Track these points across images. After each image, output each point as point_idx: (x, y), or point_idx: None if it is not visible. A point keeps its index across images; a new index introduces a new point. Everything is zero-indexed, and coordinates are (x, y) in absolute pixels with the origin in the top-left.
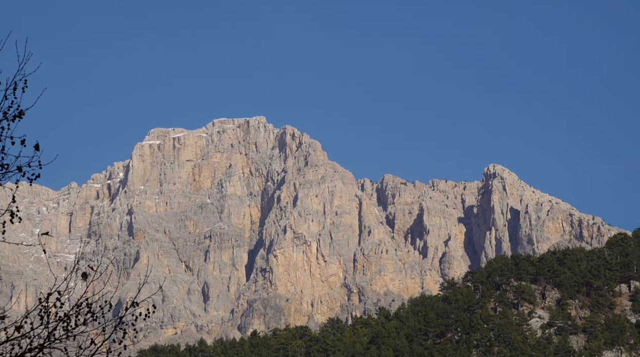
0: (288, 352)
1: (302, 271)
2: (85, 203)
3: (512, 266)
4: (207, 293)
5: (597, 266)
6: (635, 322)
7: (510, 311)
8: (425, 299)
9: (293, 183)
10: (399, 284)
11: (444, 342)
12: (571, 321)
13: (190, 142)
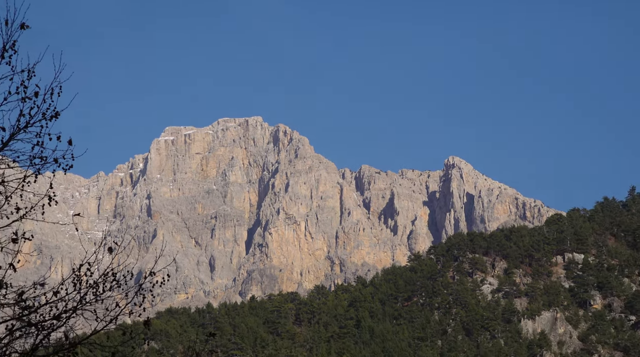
0: (281, 313)
1: (293, 245)
2: (111, 189)
3: (468, 241)
4: (213, 264)
5: (537, 241)
6: (568, 287)
7: (465, 279)
8: (395, 269)
9: (285, 172)
10: (374, 257)
11: (411, 305)
12: (516, 287)
13: (198, 138)
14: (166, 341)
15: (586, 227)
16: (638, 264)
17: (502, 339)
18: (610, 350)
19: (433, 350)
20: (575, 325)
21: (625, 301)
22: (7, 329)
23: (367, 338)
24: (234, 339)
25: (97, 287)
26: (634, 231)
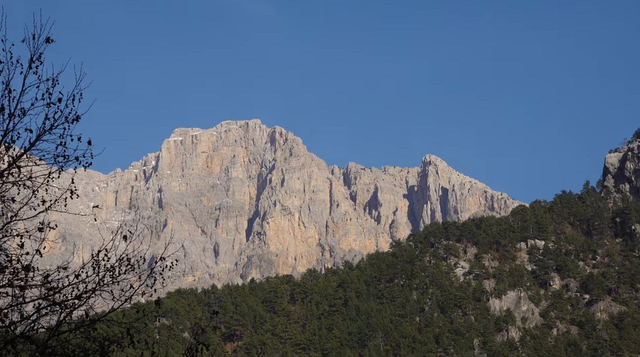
0: (277, 294)
1: (288, 234)
2: (127, 184)
3: (443, 230)
4: (217, 250)
5: (504, 229)
6: (531, 270)
7: (440, 263)
8: (378, 254)
9: (281, 169)
10: (360, 244)
11: (392, 286)
12: (485, 270)
13: (204, 138)
14: (175, 317)
15: (546, 217)
16: (591, 249)
17: (472, 316)
18: (567, 325)
19: (412, 326)
20: (536, 303)
21: (580, 281)
22: (34, 307)
23: (354, 315)
24: (236, 317)
25: (114, 270)
26: (587, 220)
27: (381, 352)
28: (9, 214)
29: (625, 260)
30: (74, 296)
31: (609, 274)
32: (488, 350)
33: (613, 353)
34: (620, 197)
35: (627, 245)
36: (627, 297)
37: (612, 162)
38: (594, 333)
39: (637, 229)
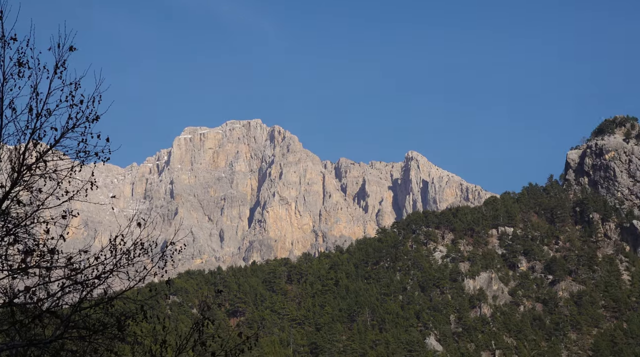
0: (275, 274)
1: (285, 221)
2: (142, 176)
3: (423, 218)
4: (222, 236)
5: (477, 218)
6: (501, 253)
7: (421, 247)
8: (366, 240)
9: (279, 163)
10: (349, 230)
11: (378, 268)
12: (460, 253)
13: (211, 136)
14: (185, 296)
15: (515, 206)
16: (554, 235)
17: (449, 294)
18: (533, 302)
19: (395, 303)
20: (506, 283)
21: (544, 264)
22: (59, 286)
23: (344, 294)
24: (239, 295)
25: (130, 253)
26: (551, 209)
27: (368, 327)
28: (37, 203)
29: (584, 245)
30: (94, 276)
31: (570, 257)
32: (463, 324)
33: (573, 327)
34: (579, 189)
35: (585, 231)
36: (585, 278)
37: (573, 158)
38: (556, 309)
39: (595, 217)
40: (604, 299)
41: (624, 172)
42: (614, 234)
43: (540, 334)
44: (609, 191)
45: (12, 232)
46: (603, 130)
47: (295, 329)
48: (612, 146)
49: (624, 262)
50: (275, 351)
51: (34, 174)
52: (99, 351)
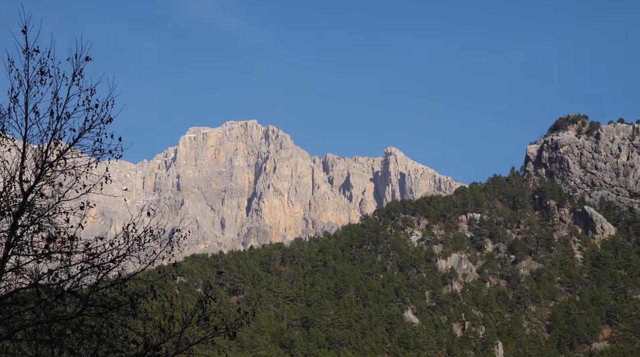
0: (271, 257)
1: (279, 210)
2: (152, 171)
3: (401, 206)
4: (223, 223)
5: (449, 205)
6: (469, 236)
7: (399, 232)
8: (351, 226)
9: (273, 159)
10: (336, 217)
11: (361, 251)
12: (434, 237)
13: (213, 135)
14: (190, 276)
15: (481, 195)
16: (516, 220)
17: (424, 273)
18: (497, 279)
19: (377, 281)
20: (474, 262)
21: (508, 245)
22: (78, 269)
23: (331, 274)
24: (238, 275)
25: (140, 240)
26: (513, 197)
27: (353, 303)
28: (58, 196)
29: (542, 228)
30: (109, 260)
31: (530, 239)
32: (437, 299)
33: (532, 300)
34: (538, 179)
35: (543, 216)
36: (543, 257)
37: (532, 152)
38: (518, 285)
39: (551, 204)
40: (560, 275)
41: (576, 164)
42: (568, 218)
43: (504, 307)
44: (564, 181)
45: (37, 222)
46: (558, 127)
47: (288, 305)
48: (565, 141)
49: (577, 243)
50: (271, 324)
51: (55, 170)
52: (114, 326)
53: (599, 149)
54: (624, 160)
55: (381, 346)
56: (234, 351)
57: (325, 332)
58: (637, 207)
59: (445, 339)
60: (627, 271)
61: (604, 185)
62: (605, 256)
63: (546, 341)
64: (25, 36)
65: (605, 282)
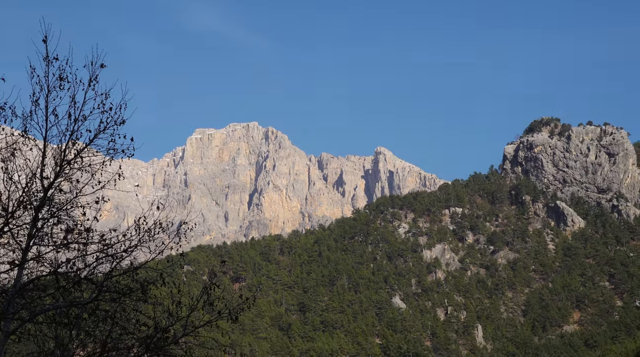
0: (270, 248)
1: (278, 205)
2: (161, 169)
3: (389, 201)
4: (227, 217)
5: (433, 200)
6: (452, 229)
7: (388, 225)
8: (344, 219)
9: (272, 158)
10: (330, 211)
11: (353, 242)
12: (419, 229)
13: (217, 136)
14: (196, 265)
15: (463, 191)
16: (495, 213)
17: (411, 262)
18: (477, 267)
19: (367, 270)
20: (456, 252)
21: (487, 237)
22: (94, 258)
23: (326, 263)
24: (240, 264)
25: (151, 231)
26: (492, 193)
27: (345, 289)
28: (75, 191)
29: (518, 221)
30: (122, 250)
31: (507, 232)
32: (422, 286)
33: (509, 287)
34: (514, 177)
35: (519, 210)
36: (519, 248)
37: (509, 151)
38: (496, 273)
39: (526, 199)
40: (534, 264)
41: (549, 162)
42: (541, 212)
43: (483, 293)
44: (538, 178)
45: (56, 215)
46: (532, 129)
47: (286, 292)
48: (539, 142)
49: (549, 235)
50: (271, 309)
51: (72, 167)
52: (127, 310)
53: (569, 149)
54: (592, 159)
55: (371, 329)
56: (237, 334)
57: (320, 317)
58: (605, 202)
59: (430, 323)
60: (595, 260)
61: (574, 182)
62: (575, 246)
63: (521, 324)
64: (45, 45)
65: (575, 270)
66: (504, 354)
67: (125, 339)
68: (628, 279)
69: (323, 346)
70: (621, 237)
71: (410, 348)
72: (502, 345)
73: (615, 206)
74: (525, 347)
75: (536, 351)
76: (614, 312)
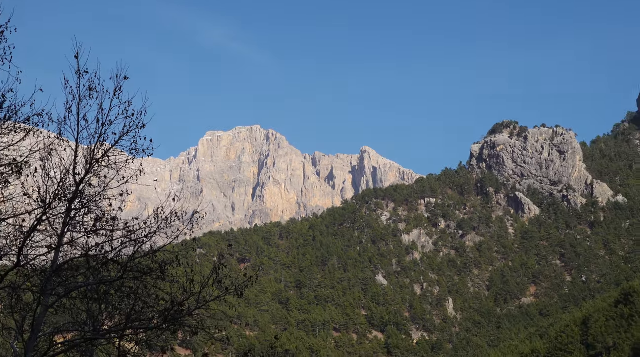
0: (271, 233)
1: (277, 196)
2: (177, 166)
3: (373, 193)
4: (234, 207)
5: (410, 192)
6: (427, 216)
7: (372, 213)
8: (334, 209)
9: (273, 156)
10: (322, 202)
11: (343, 228)
12: (399, 217)
13: (225, 137)
14: (208, 249)
15: (436, 184)
16: (463, 203)
17: (392, 245)
18: (448, 249)
19: (354, 252)
20: (430, 237)
21: (457, 223)
22: (119, 242)
23: (319, 246)
24: (245, 247)
25: (168, 220)
26: (461, 185)
27: (335, 269)
28: (103, 186)
29: (483, 209)
30: (143, 235)
31: (474, 218)
32: (402, 266)
33: (475, 266)
34: (480, 172)
35: (484, 200)
36: (484, 232)
37: (475, 150)
38: (465, 254)
39: (490, 190)
40: (497, 246)
41: (509, 159)
42: (503, 201)
43: (453, 271)
44: (500, 173)
45: (87, 206)
46: (495, 130)
47: (285, 271)
48: (501, 141)
49: (510, 221)
50: (271, 286)
51: (100, 165)
52: (148, 287)
53: (526, 148)
54: (545, 156)
55: (358, 302)
56: (242, 307)
57: (314, 292)
58: (556, 192)
59: (408, 297)
60: (548, 242)
61: (531, 176)
62: (531, 230)
63: (486, 297)
64: (77, 61)
65: (531, 251)
66: (471, 322)
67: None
68: (576, 258)
69: (317, 317)
70: (570, 223)
71: (391, 318)
72: (470, 315)
73: (565, 196)
74: (489, 316)
75: (498, 320)
76: (564, 286)
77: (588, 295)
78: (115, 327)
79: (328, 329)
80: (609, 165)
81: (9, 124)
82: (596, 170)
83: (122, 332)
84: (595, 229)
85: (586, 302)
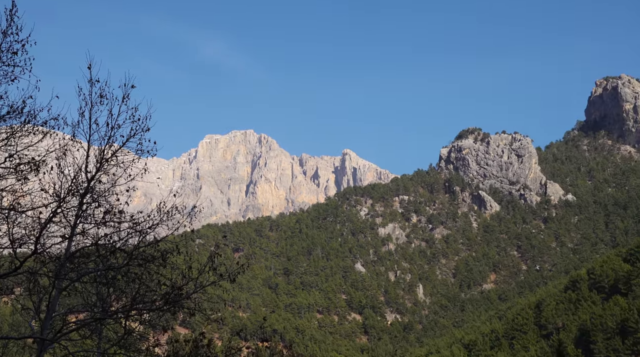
0: (262, 226)
1: (268, 193)
2: (179, 165)
3: (353, 190)
4: (229, 202)
5: (386, 190)
6: (401, 212)
7: (352, 208)
8: (319, 204)
9: (264, 157)
10: (308, 198)
11: (326, 222)
12: (376, 212)
13: (222, 140)
14: (206, 239)
15: (409, 183)
16: (433, 200)
17: (369, 237)
18: (420, 241)
19: (336, 243)
20: (404, 230)
21: (427, 218)
22: (125, 233)
23: (305, 237)
24: (239, 238)
25: (169, 213)
26: (431, 185)
27: (319, 258)
28: (111, 182)
29: (450, 206)
30: (147, 227)
31: (442, 214)
32: (378, 256)
33: (443, 256)
34: (448, 172)
35: (451, 198)
36: (451, 226)
37: (444, 153)
38: (434, 245)
39: (457, 189)
40: (462, 238)
41: (473, 162)
42: (467, 199)
43: (424, 260)
44: (465, 173)
45: (97, 200)
46: (461, 135)
47: (274, 259)
48: (466, 146)
49: (473, 216)
50: (262, 272)
51: (109, 164)
52: (151, 273)
53: (489, 152)
54: (505, 159)
55: (339, 287)
56: (236, 291)
57: (300, 278)
58: (514, 191)
59: (383, 283)
60: (507, 235)
61: (492, 176)
62: (492, 225)
63: (452, 283)
64: (90, 71)
65: (492, 243)
66: (439, 306)
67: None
68: (531, 250)
69: (302, 300)
70: (526, 218)
71: (368, 302)
72: (437, 299)
73: (522, 195)
74: (454, 300)
75: (462, 304)
76: (520, 274)
77: (541, 282)
78: (121, 309)
79: (312, 311)
80: (560, 167)
81: (29, 127)
82: (549, 172)
83: (128, 312)
84: (548, 224)
85: (539, 288)
